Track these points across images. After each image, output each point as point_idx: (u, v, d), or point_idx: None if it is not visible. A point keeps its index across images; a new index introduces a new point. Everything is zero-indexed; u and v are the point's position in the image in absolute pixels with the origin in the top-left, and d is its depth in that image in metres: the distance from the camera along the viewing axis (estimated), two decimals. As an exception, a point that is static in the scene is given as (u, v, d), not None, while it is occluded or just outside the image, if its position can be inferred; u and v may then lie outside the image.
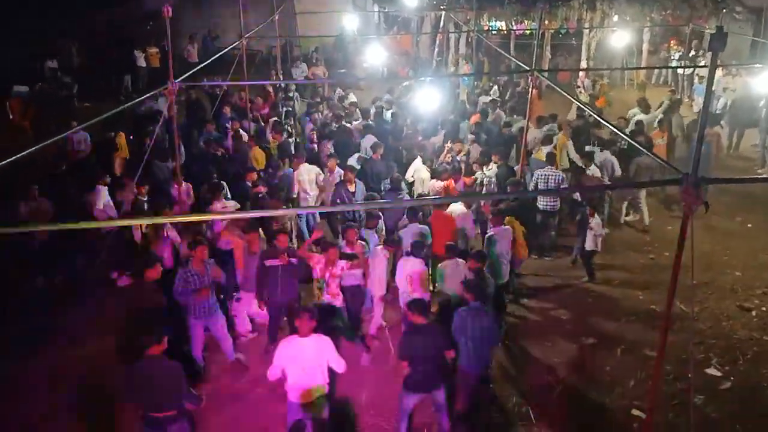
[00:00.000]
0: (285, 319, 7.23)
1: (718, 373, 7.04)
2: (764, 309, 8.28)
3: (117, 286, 7.50)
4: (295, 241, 9.07)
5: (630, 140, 5.75)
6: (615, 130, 5.87)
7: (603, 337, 7.73)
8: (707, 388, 6.80)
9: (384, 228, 8.73)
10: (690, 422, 5.71)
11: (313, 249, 7.72)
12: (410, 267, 7.06)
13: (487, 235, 7.90)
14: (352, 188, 8.91)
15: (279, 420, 5.77)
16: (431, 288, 7.81)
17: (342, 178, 9.11)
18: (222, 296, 7.21)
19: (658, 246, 9.95)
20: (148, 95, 7.43)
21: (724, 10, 15.68)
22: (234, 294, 7.47)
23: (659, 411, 6.33)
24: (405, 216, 8.35)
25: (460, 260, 7.15)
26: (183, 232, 7.60)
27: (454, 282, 6.92)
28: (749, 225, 10.75)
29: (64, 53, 20.02)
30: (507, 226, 7.89)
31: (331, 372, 5.47)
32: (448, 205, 8.33)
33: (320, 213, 9.90)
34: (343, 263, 6.85)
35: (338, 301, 6.96)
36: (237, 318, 7.45)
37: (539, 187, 9.37)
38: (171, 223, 7.58)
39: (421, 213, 8.21)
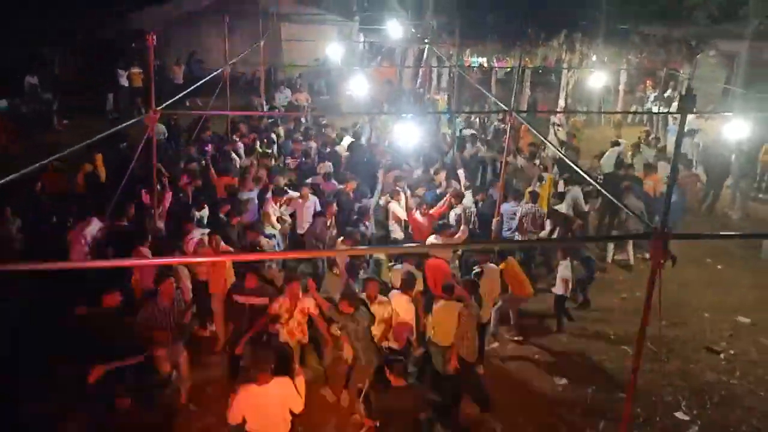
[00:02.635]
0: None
1: (686, 417, 7.12)
2: (732, 352, 8.42)
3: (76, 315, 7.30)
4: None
5: (596, 183, 5.88)
6: (581, 172, 5.97)
7: (574, 377, 7.78)
8: (676, 431, 6.88)
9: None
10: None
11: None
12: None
13: (474, 272, 7.87)
14: (329, 222, 8.89)
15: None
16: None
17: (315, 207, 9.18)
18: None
19: (631, 286, 10.10)
20: (128, 123, 7.37)
21: (698, 56, 16.20)
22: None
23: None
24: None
25: (458, 304, 7.06)
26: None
27: (445, 329, 6.86)
28: (719, 266, 10.98)
29: (46, 68, 19.88)
30: (492, 265, 7.86)
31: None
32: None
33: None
34: (309, 302, 6.67)
35: (303, 339, 6.80)
36: None
37: (523, 222, 9.45)
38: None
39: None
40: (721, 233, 7.11)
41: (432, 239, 8.63)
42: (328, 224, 8.86)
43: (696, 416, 7.13)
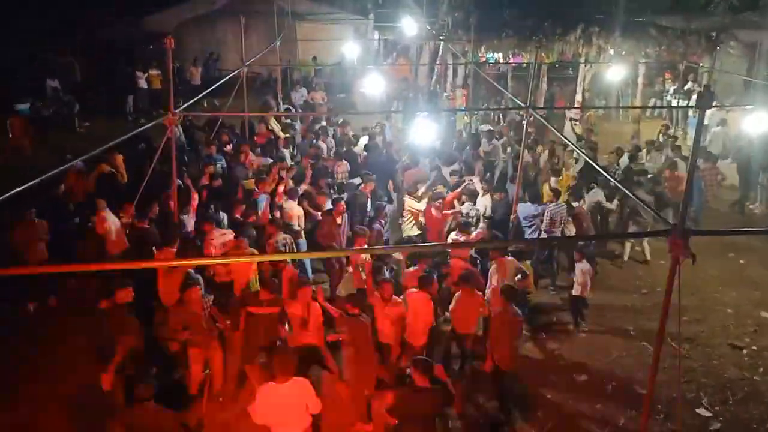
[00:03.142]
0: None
1: (708, 413, 7.06)
2: (755, 348, 8.32)
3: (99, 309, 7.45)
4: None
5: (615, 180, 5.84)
6: (598, 167, 5.94)
7: (594, 373, 7.75)
8: (697, 427, 6.82)
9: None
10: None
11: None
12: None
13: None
14: (339, 221, 8.86)
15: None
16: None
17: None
18: None
19: (651, 282, 10.01)
20: (148, 125, 7.47)
21: (718, 48, 15.95)
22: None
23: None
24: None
25: (477, 292, 7.23)
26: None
27: (467, 319, 6.99)
28: (741, 261, 10.84)
29: (66, 71, 20.23)
30: (509, 258, 7.89)
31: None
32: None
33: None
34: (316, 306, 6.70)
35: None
36: None
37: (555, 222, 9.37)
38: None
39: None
40: (741, 229, 6.99)
41: (453, 236, 8.65)
42: (339, 223, 8.84)
43: (718, 412, 7.07)
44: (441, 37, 18.58)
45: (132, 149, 11.73)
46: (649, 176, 11.02)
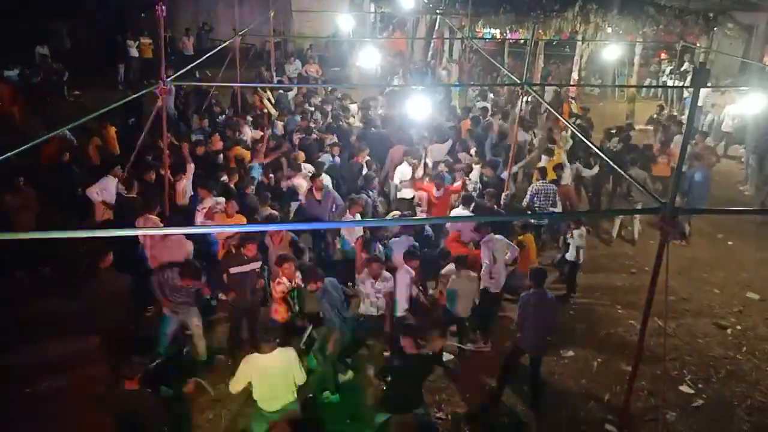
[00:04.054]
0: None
1: (691, 391, 7.17)
2: (740, 327, 8.43)
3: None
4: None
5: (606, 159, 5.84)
6: (590, 144, 5.94)
7: (581, 350, 7.84)
8: (680, 405, 6.93)
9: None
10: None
11: None
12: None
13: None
14: (318, 196, 8.82)
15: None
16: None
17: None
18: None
19: (640, 261, 10.08)
20: (139, 93, 7.38)
21: (715, 29, 15.87)
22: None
23: (632, 426, 6.48)
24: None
25: (472, 274, 7.26)
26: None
27: (465, 302, 7.07)
28: (730, 243, 10.92)
29: (56, 38, 19.87)
30: (499, 236, 7.86)
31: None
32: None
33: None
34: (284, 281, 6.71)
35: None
36: None
37: (539, 200, 9.42)
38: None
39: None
40: (729, 209, 7.02)
41: (459, 212, 8.68)
42: (319, 198, 8.79)
43: (701, 390, 7.18)
44: (438, 11, 18.36)
45: (125, 120, 11.63)
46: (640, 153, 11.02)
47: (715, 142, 14.50)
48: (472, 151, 10.76)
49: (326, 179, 9.24)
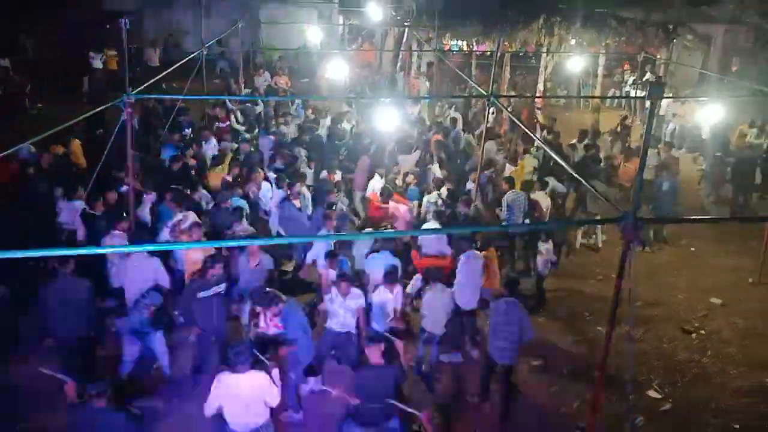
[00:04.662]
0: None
1: (659, 395, 7.31)
2: (704, 332, 8.63)
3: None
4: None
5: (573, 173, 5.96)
6: (554, 156, 6.06)
7: (550, 358, 7.93)
8: (648, 409, 7.05)
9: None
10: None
11: None
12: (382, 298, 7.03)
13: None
14: (297, 204, 8.83)
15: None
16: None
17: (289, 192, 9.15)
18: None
19: (606, 269, 10.23)
20: (102, 108, 7.25)
21: (675, 40, 16.35)
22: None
23: (601, 432, 6.56)
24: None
25: (446, 289, 7.25)
26: None
27: (437, 316, 7.04)
28: (693, 248, 11.19)
29: (18, 50, 19.44)
30: (475, 252, 7.88)
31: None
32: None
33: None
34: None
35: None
36: None
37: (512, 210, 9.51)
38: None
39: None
40: (688, 217, 7.26)
41: (430, 225, 8.68)
42: (299, 206, 8.79)
43: (668, 393, 7.32)
44: (406, 23, 18.52)
45: (90, 133, 11.40)
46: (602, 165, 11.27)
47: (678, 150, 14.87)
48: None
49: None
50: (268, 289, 6.36)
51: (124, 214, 7.92)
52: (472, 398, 7.03)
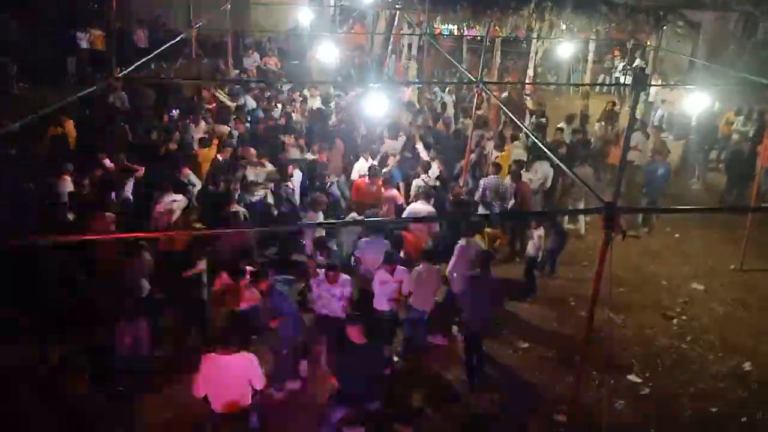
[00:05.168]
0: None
1: (639, 380, 7.46)
2: (684, 318, 8.79)
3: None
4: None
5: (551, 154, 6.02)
6: (540, 144, 6.11)
7: (535, 342, 8.05)
8: (628, 393, 7.21)
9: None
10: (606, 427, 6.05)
11: None
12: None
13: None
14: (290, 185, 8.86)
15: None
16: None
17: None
18: None
19: (591, 254, 10.34)
20: (89, 90, 7.18)
21: (665, 27, 16.38)
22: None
23: (582, 415, 6.70)
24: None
25: (435, 267, 7.33)
26: None
27: (426, 293, 7.14)
28: (677, 235, 11.33)
29: (2, 29, 19.09)
30: (475, 239, 7.98)
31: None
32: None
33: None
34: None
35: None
36: None
37: (490, 194, 9.58)
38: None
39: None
40: (669, 207, 7.37)
41: (418, 205, 8.71)
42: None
43: (648, 378, 7.48)
44: (397, 6, 18.40)
45: (79, 113, 11.29)
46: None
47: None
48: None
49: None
50: None
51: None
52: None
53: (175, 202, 8.06)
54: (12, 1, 19.34)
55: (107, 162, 8.95)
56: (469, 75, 9.44)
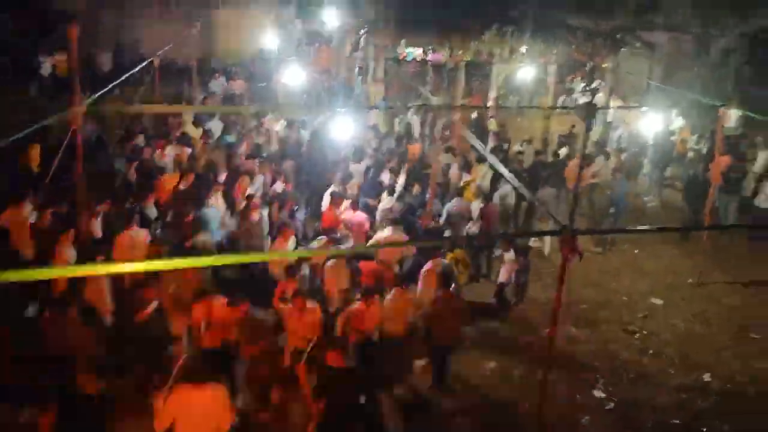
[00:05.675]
0: None
1: (603, 394, 7.64)
2: (645, 332, 9.04)
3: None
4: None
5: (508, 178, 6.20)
6: (499, 168, 6.31)
7: (502, 361, 8.17)
8: (592, 408, 7.37)
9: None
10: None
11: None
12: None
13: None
14: (255, 217, 8.82)
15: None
16: None
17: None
18: None
19: (555, 273, 10.54)
20: (49, 120, 7.12)
21: (622, 49, 16.99)
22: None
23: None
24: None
25: (406, 292, 7.40)
26: None
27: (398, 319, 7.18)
28: (636, 251, 11.66)
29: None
30: (444, 260, 8.11)
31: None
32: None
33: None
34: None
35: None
36: None
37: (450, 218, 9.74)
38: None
39: None
40: (621, 228, 7.66)
41: (386, 233, 8.77)
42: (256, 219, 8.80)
43: (612, 393, 7.66)
44: (362, 30, 18.68)
45: (41, 142, 11.15)
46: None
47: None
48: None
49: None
50: None
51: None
52: None
53: (138, 235, 7.95)
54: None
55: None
56: (432, 98, 9.66)
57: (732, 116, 14.89)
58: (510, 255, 9.05)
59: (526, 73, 18.00)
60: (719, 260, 10.88)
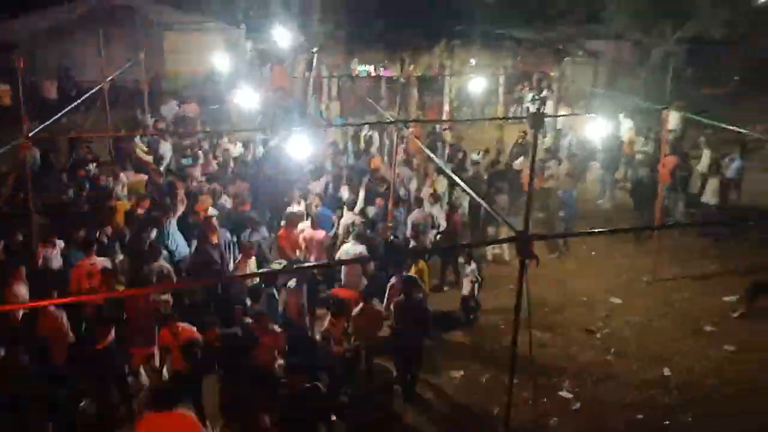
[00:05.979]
0: None
1: (570, 395, 7.78)
2: (607, 331, 9.26)
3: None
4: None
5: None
6: (455, 177, 6.44)
7: (470, 368, 8.25)
8: (560, 410, 7.50)
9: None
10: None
11: None
12: None
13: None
14: (215, 240, 8.68)
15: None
16: None
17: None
18: None
19: (516, 278, 10.75)
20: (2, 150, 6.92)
21: (566, 58, 17.54)
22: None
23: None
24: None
25: (374, 306, 7.44)
26: None
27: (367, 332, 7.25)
28: (593, 253, 11.96)
29: None
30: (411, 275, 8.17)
31: None
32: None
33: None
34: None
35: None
36: None
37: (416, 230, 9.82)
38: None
39: None
40: (576, 232, 7.89)
41: (349, 247, 8.75)
42: (215, 242, 8.69)
43: (578, 393, 7.80)
44: (314, 50, 18.76)
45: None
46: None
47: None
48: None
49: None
50: None
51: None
52: None
53: (96, 264, 7.75)
54: None
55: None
56: (387, 115, 9.77)
57: (673, 118, 15.46)
58: (472, 267, 9.19)
59: (476, 84, 18.35)
60: (671, 257, 11.26)
